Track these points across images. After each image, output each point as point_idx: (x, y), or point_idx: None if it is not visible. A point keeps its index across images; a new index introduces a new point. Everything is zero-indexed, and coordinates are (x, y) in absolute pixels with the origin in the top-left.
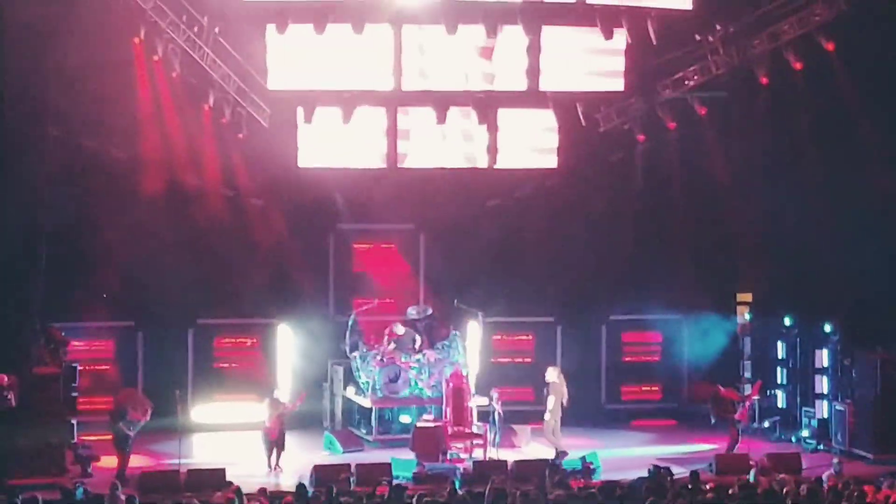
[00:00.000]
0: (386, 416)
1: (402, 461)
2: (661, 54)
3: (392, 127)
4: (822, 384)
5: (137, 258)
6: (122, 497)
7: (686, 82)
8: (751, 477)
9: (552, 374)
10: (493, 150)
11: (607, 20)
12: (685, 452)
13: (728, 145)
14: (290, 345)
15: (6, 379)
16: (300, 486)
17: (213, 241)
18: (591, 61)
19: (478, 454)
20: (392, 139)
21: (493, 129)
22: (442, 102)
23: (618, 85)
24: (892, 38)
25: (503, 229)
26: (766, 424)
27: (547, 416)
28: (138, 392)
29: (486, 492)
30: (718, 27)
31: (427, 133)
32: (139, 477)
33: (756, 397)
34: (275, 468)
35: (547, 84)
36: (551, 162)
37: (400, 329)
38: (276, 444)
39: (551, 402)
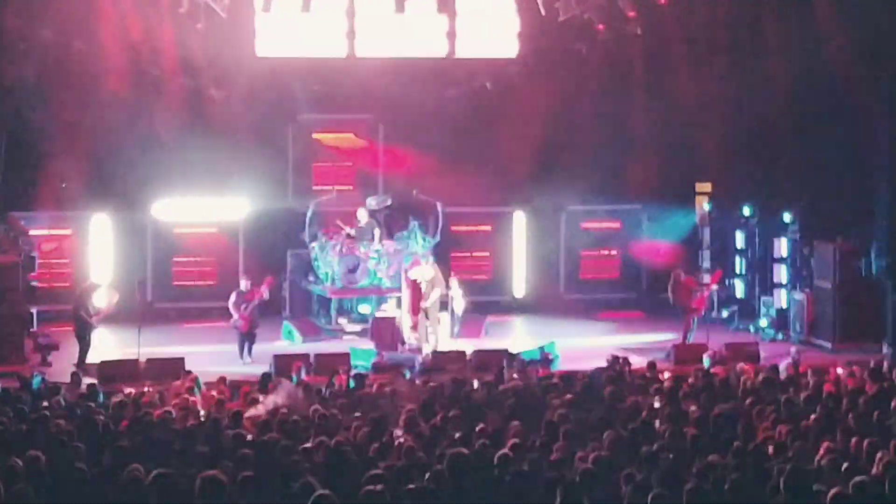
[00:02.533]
0: (345, 305)
1: (361, 350)
2: None
3: (350, 15)
4: (781, 274)
5: (97, 148)
6: (84, 386)
7: None
8: (705, 363)
9: (427, 271)
10: (451, 38)
11: None
12: (643, 342)
13: (689, 36)
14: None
15: None
16: (264, 375)
17: (172, 132)
18: None
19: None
20: (350, 27)
21: (451, 17)
22: None
23: None
24: None
25: (462, 119)
26: (725, 314)
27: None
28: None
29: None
30: None
31: (386, 21)
32: (98, 365)
33: (714, 286)
34: (245, 360)
35: None
36: (511, 51)
37: (363, 216)
38: (247, 336)
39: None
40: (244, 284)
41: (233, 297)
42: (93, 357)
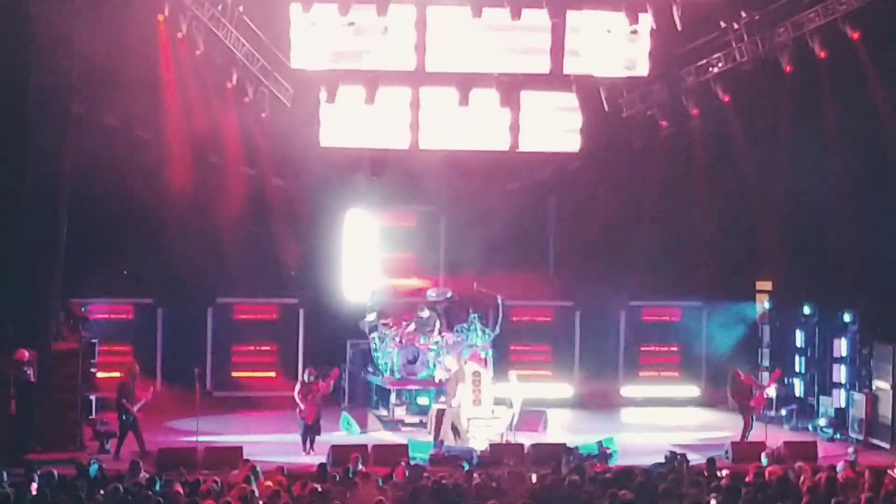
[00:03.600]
0: (404, 397)
1: (420, 442)
2: (685, 41)
3: (414, 107)
4: (840, 373)
5: (159, 236)
6: (146, 475)
7: (710, 69)
8: (763, 461)
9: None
10: (515, 132)
11: (633, 4)
12: (702, 439)
13: (751, 134)
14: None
15: (26, 354)
16: (321, 466)
17: (233, 220)
18: (615, 46)
19: (494, 437)
20: (414, 119)
21: (515, 111)
22: (465, 84)
23: (642, 70)
24: None
25: (524, 213)
26: (783, 413)
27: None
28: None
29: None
30: (744, 14)
31: (449, 114)
32: (157, 453)
33: (773, 385)
34: (308, 451)
35: (571, 67)
36: (573, 146)
37: (425, 312)
38: (311, 427)
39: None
40: (307, 375)
41: (297, 387)
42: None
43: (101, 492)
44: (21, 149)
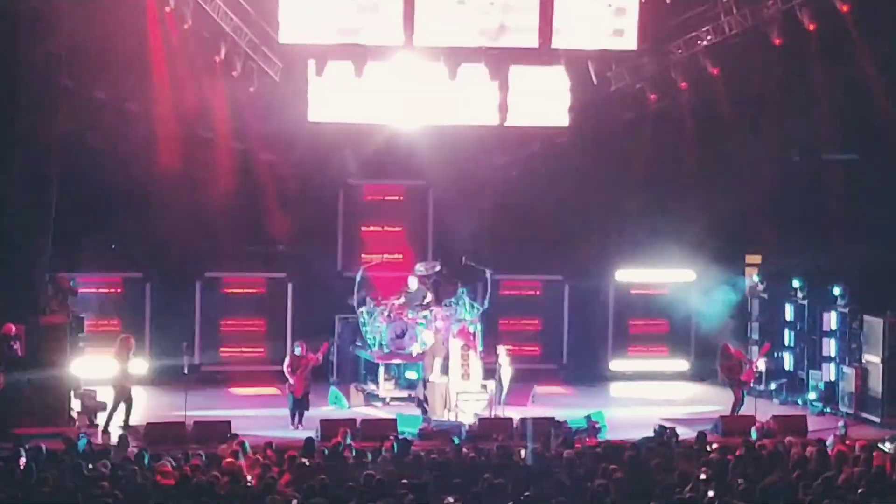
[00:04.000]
0: (392, 371)
1: (408, 417)
2: (674, 14)
3: (402, 82)
4: (830, 347)
5: (146, 211)
6: (134, 450)
7: (699, 42)
8: (752, 435)
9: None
10: (503, 107)
11: None
12: (691, 413)
13: (740, 107)
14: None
15: (13, 328)
16: (308, 441)
17: (222, 195)
18: (603, 19)
19: (483, 411)
20: (402, 94)
21: (504, 86)
22: (453, 58)
23: (630, 44)
24: None
25: (513, 187)
26: (773, 387)
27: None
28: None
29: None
30: None
31: (438, 89)
32: (145, 428)
33: (763, 359)
34: (297, 426)
35: (559, 42)
36: (562, 120)
37: (413, 284)
38: (300, 402)
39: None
40: (298, 349)
41: (287, 361)
42: (136, 418)
43: (90, 466)
44: (11, 123)
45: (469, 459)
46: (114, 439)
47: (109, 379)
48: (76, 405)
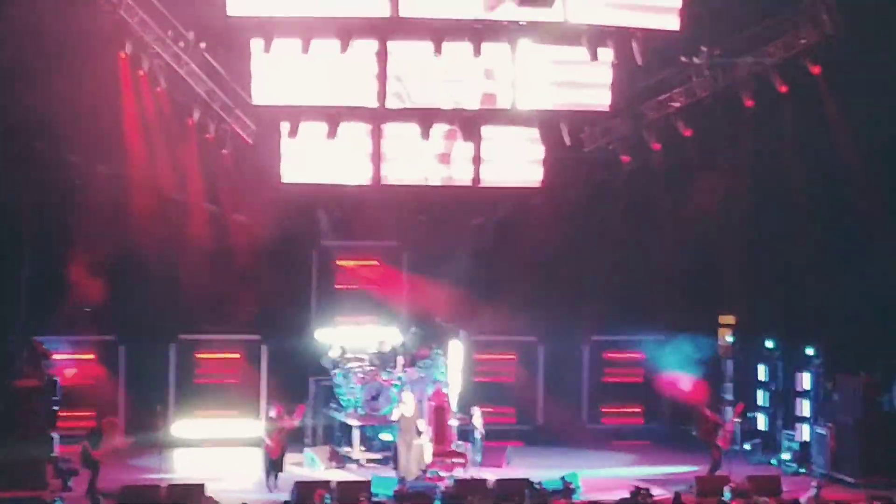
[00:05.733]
0: (367, 433)
1: (383, 479)
2: (646, 75)
3: (376, 143)
4: (804, 407)
5: (120, 273)
6: None
7: (671, 104)
8: (726, 496)
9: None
10: (476, 167)
11: (593, 39)
12: (666, 473)
13: (712, 167)
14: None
15: None
16: None
17: (195, 257)
18: (576, 81)
19: (459, 473)
20: (376, 155)
21: (477, 146)
22: (426, 119)
23: (603, 105)
24: (877, 61)
25: (487, 247)
26: (747, 447)
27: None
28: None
29: None
30: (704, 49)
31: (411, 149)
32: (120, 491)
33: (737, 420)
34: (272, 488)
35: (532, 103)
36: (535, 181)
37: (387, 347)
38: (276, 463)
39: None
40: (273, 412)
41: (263, 423)
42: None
43: None
44: None
45: None
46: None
47: (82, 454)
48: (49, 469)
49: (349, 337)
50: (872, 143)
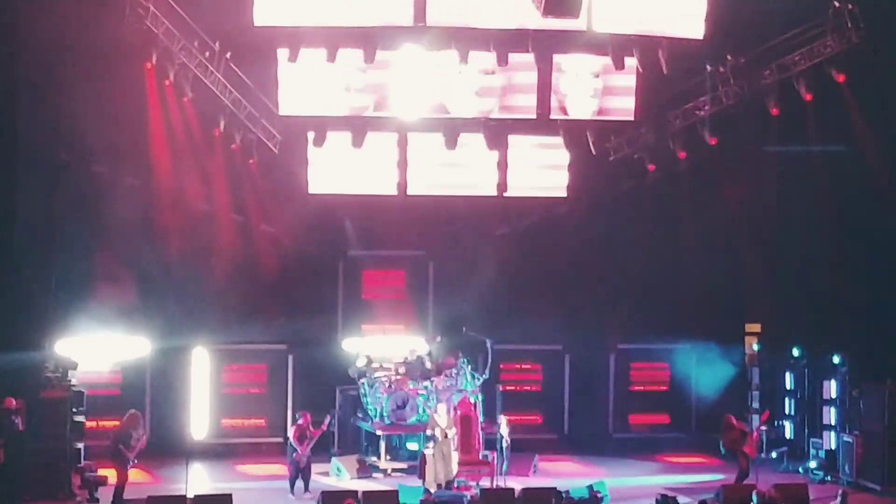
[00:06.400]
0: (394, 442)
1: (410, 488)
2: (671, 84)
3: (402, 153)
4: (830, 415)
5: (147, 284)
6: None
7: (697, 112)
8: (754, 503)
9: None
10: (502, 177)
11: (618, 48)
12: (692, 482)
13: (739, 175)
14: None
15: (14, 402)
16: None
17: (222, 267)
18: (601, 90)
19: (485, 482)
20: (402, 165)
21: (503, 156)
22: (452, 129)
23: (628, 114)
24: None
25: (512, 257)
26: (774, 455)
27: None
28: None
29: None
30: (729, 57)
31: (437, 160)
32: (146, 502)
33: (763, 428)
34: (305, 493)
35: (557, 112)
36: (561, 191)
37: (414, 356)
38: (304, 471)
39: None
40: (300, 419)
41: (293, 431)
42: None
43: None
44: (12, 198)
45: None
46: None
47: (110, 452)
48: (76, 479)
49: (375, 346)
50: None
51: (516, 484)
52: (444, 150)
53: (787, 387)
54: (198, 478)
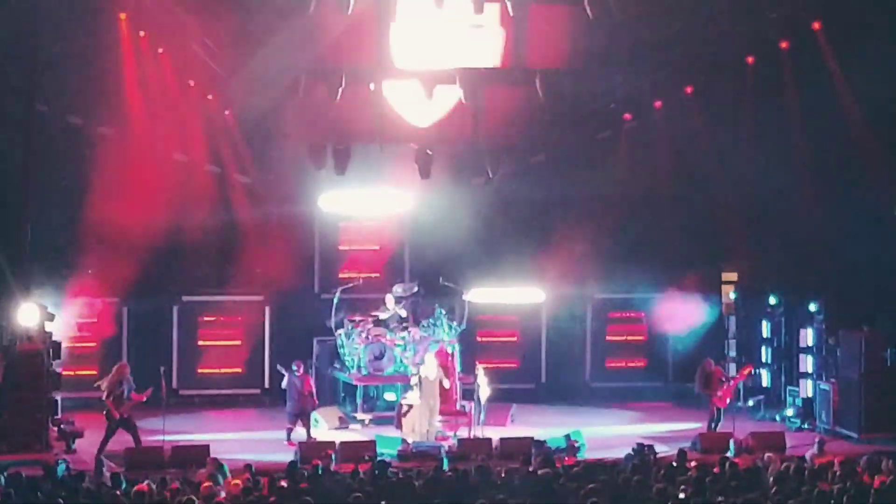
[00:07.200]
0: (371, 393)
1: (387, 438)
2: (648, 31)
3: (379, 100)
4: (807, 363)
5: (122, 234)
6: (108, 474)
7: (671, 61)
8: (731, 451)
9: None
10: (478, 126)
11: None
12: (670, 431)
13: (714, 123)
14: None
15: None
16: (291, 464)
17: (198, 218)
18: (577, 38)
19: (463, 432)
20: (378, 113)
21: (478, 105)
22: (428, 79)
23: (604, 62)
24: (877, 22)
25: (489, 207)
26: (751, 403)
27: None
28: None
29: (471, 469)
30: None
31: (413, 107)
32: (123, 453)
33: (742, 380)
34: (309, 438)
35: (533, 61)
36: (538, 139)
37: (390, 303)
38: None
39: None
40: (296, 369)
41: (289, 377)
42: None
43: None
44: None
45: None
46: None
47: (102, 406)
48: (53, 432)
49: (352, 297)
50: (876, 98)
51: (493, 434)
52: (421, 99)
53: (764, 335)
54: (175, 428)
